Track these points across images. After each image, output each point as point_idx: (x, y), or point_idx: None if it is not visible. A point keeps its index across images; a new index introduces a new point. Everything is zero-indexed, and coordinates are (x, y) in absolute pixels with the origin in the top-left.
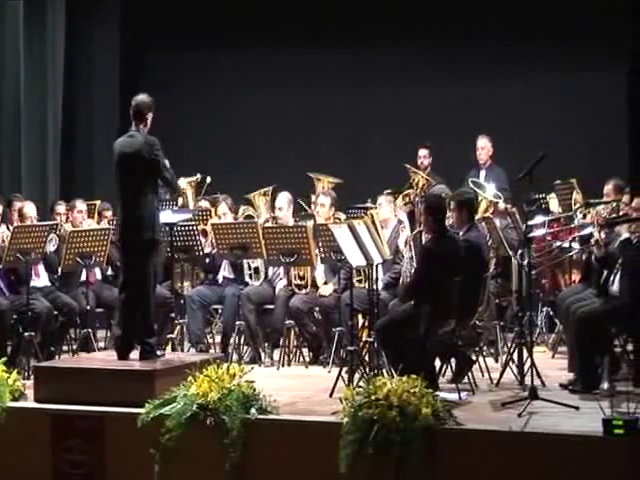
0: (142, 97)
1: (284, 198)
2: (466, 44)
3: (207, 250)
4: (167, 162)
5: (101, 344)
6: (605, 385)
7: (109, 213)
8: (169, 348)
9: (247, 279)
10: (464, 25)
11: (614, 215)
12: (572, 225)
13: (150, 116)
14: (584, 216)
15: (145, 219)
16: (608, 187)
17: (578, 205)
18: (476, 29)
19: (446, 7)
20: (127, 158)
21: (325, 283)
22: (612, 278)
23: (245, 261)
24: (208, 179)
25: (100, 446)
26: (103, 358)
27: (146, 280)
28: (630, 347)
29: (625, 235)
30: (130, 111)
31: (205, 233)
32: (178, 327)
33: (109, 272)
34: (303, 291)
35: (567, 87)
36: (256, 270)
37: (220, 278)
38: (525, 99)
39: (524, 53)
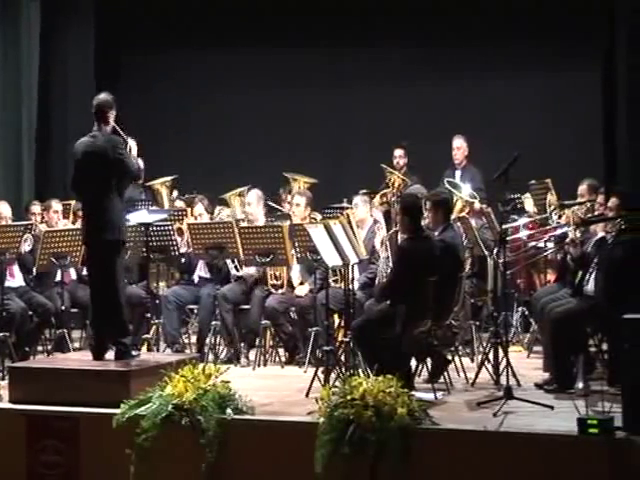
0: (103, 96)
1: (254, 194)
2: (443, 44)
3: (183, 250)
4: (134, 152)
5: (76, 344)
6: (580, 385)
7: None
8: (145, 348)
9: (233, 271)
10: (442, 26)
11: (589, 215)
12: (548, 227)
13: (112, 114)
14: (559, 217)
15: (109, 220)
16: (582, 187)
17: (553, 207)
18: (453, 29)
19: (426, 7)
20: (90, 159)
21: (301, 283)
22: (587, 278)
23: None
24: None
25: (75, 447)
26: (78, 358)
27: (114, 280)
28: (605, 347)
29: (600, 234)
30: (92, 110)
31: (181, 232)
32: (154, 327)
33: (84, 272)
34: (279, 291)
35: (543, 88)
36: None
37: (196, 278)
38: (501, 100)
39: (500, 54)
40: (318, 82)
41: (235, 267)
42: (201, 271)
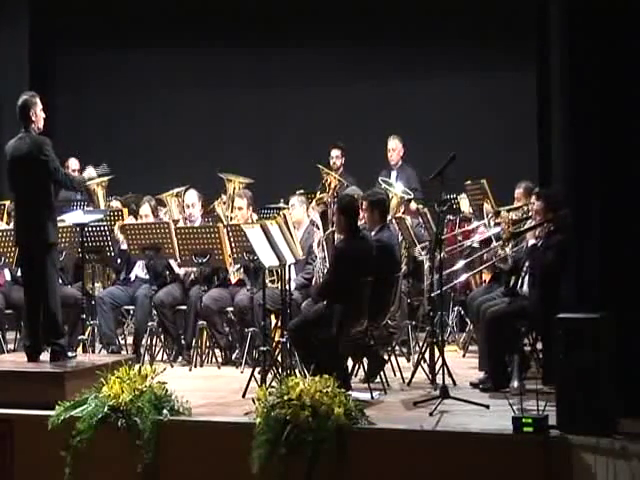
0: (24, 97)
1: (194, 195)
2: (378, 44)
3: (124, 247)
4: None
5: (10, 346)
6: (515, 384)
7: None
8: (80, 349)
9: (176, 269)
10: (376, 25)
11: (524, 216)
12: (483, 232)
13: (36, 113)
14: (496, 222)
15: (38, 221)
16: (519, 191)
17: (490, 215)
18: (387, 29)
19: (358, 6)
20: (18, 160)
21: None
22: (521, 281)
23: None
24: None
25: (10, 448)
26: (13, 360)
27: (46, 282)
28: (539, 346)
29: (531, 242)
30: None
31: (124, 229)
32: (89, 328)
33: (18, 273)
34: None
35: (478, 88)
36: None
37: (133, 276)
38: (437, 99)
39: (436, 53)
40: (252, 82)
41: (178, 264)
42: (139, 270)
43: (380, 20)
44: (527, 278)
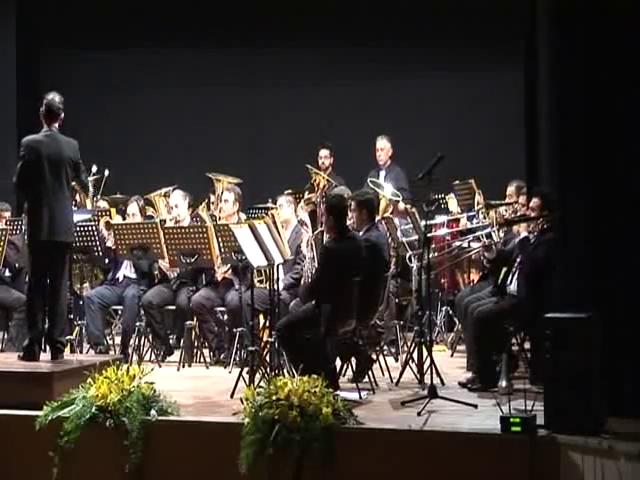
0: (53, 96)
1: (179, 195)
2: (366, 44)
3: (109, 243)
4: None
5: None
6: (503, 383)
7: (8, 214)
8: (68, 349)
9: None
10: (365, 24)
11: (513, 215)
12: (471, 225)
13: (62, 115)
14: (484, 217)
15: (67, 222)
16: (511, 189)
17: (480, 206)
18: (377, 29)
19: (345, 6)
20: (52, 159)
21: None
22: (510, 278)
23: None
24: (106, 172)
25: None
26: (0, 360)
27: (64, 281)
28: (527, 345)
29: (524, 234)
30: (42, 110)
31: (109, 225)
32: (77, 328)
33: (6, 273)
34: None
35: (467, 87)
36: None
37: (121, 276)
38: (426, 99)
39: (424, 53)
40: (240, 82)
41: (167, 266)
42: (127, 269)
43: (368, 20)
44: (516, 275)
